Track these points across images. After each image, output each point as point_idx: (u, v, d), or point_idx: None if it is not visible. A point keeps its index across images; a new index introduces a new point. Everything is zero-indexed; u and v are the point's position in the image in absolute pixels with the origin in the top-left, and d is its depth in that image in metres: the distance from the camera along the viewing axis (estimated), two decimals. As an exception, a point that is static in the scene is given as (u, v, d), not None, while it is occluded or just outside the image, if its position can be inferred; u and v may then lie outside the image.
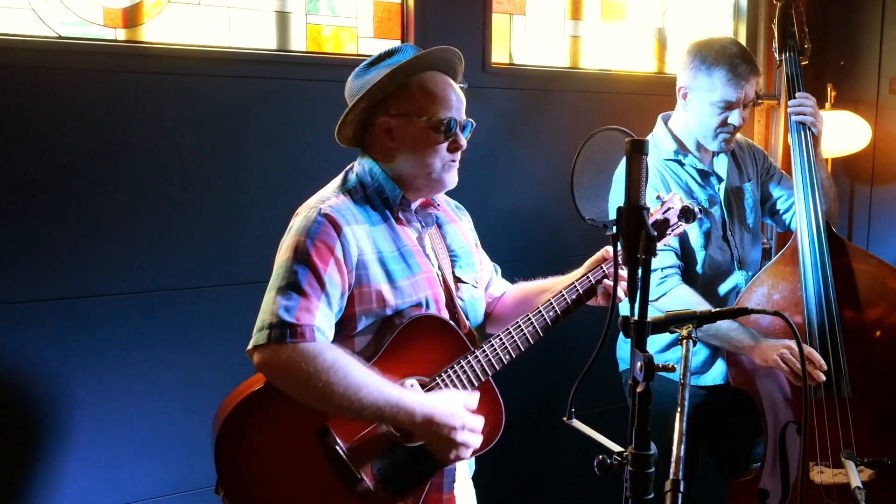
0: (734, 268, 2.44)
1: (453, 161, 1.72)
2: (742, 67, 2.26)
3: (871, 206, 3.44)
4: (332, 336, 1.63)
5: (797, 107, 2.42)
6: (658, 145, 2.43)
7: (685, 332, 1.34)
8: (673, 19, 3.34)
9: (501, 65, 2.92)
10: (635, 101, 3.08)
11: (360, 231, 1.66)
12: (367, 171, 1.75)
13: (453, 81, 1.76)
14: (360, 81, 1.72)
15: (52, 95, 2.17)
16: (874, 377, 2.26)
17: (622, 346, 2.58)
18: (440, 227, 1.86)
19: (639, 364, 1.17)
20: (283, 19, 2.54)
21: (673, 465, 1.19)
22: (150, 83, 2.29)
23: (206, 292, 2.41)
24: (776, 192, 2.58)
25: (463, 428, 1.64)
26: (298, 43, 2.57)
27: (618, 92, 3.12)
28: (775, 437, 2.32)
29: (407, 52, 1.71)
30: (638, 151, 1.19)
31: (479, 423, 1.69)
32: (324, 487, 1.63)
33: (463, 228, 1.92)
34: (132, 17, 2.33)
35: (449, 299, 1.78)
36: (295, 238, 1.62)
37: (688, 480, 2.49)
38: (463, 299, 1.82)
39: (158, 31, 2.36)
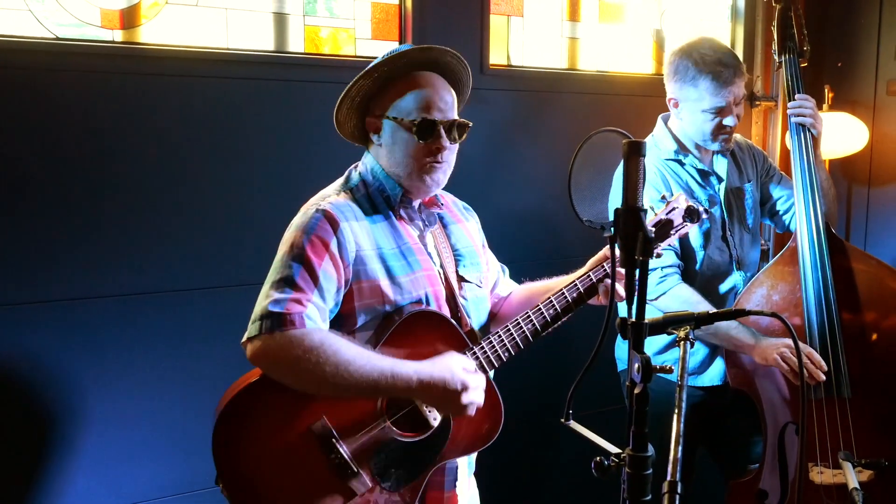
0: (733, 268, 2.44)
1: (436, 162, 1.70)
2: (726, 73, 2.27)
3: (868, 208, 3.45)
4: (327, 328, 1.64)
5: (797, 108, 2.43)
6: (658, 145, 2.44)
7: (683, 333, 1.34)
8: (671, 21, 3.35)
9: (499, 66, 2.92)
10: (633, 102, 3.08)
11: (358, 227, 1.68)
12: (368, 169, 1.78)
13: (446, 81, 1.75)
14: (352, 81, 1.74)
15: (49, 97, 2.17)
16: (874, 378, 2.26)
17: (620, 347, 2.58)
18: (445, 227, 1.87)
19: (636, 365, 1.17)
20: (280, 20, 2.54)
21: (670, 466, 1.19)
22: (148, 84, 2.29)
23: (203, 294, 2.41)
24: (776, 193, 2.58)
25: (464, 388, 1.64)
26: (296, 44, 2.57)
27: (616, 93, 3.12)
28: (774, 437, 2.32)
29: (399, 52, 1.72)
30: (635, 153, 1.19)
31: (479, 380, 1.69)
32: (320, 481, 1.64)
33: (469, 229, 1.93)
34: (129, 18, 2.33)
35: (450, 297, 1.79)
36: (292, 234, 1.65)
37: (686, 481, 2.49)
38: (466, 298, 1.82)
39: (156, 33, 2.36)
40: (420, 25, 2.66)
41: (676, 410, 1.25)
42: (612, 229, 1.22)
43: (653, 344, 2.43)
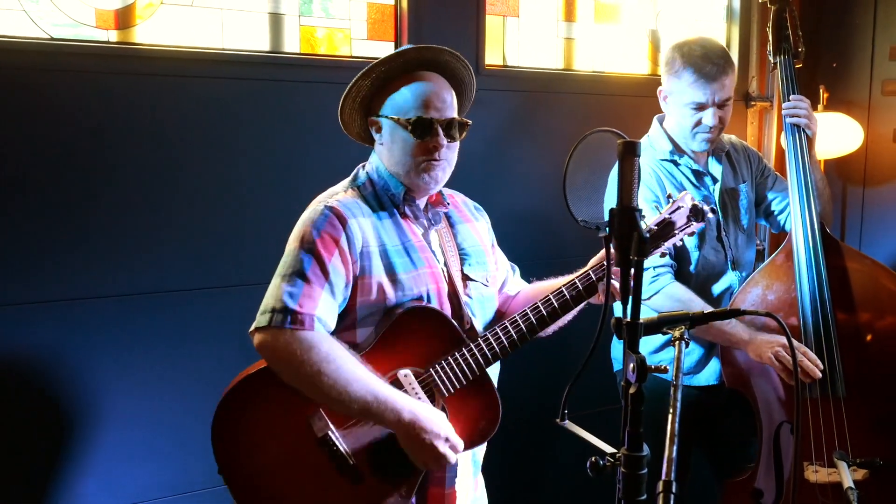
0: (728, 268, 2.45)
1: (433, 161, 1.72)
2: (707, 68, 2.28)
3: (863, 208, 3.46)
4: (335, 325, 1.68)
5: (791, 109, 2.44)
6: (654, 145, 2.44)
7: (677, 333, 1.34)
8: (666, 21, 3.35)
9: (495, 67, 2.92)
10: (629, 102, 3.09)
11: (365, 224, 1.72)
12: (374, 168, 1.82)
13: (445, 80, 1.77)
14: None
15: (45, 97, 2.16)
16: (868, 377, 2.27)
17: (616, 347, 2.59)
18: (452, 226, 1.89)
19: (631, 365, 1.17)
20: (276, 21, 2.54)
21: (665, 465, 1.19)
22: (143, 85, 2.28)
23: (200, 294, 2.41)
24: (771, 193, 2.59)
25: (446, 440, 1.68)
26: (292, 45, 2.57)
27: (611, 94, 3.13)
28: (769, 436, 2.33)
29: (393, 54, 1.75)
30: (630, 153, 1.19)
31: (460, 445, 1.72)
32: (317, 472, 1.68)
33: (478, 229, 1.95)
34: (124, 18, 2.32)
35: (453, 295, 1.80)
36: (301, 229, 1.69)
37: (681, 481, 2.50)
38: (471, 296, 1.84)
39: (151, 33, 2.35)
40: (416, 26, 2.66)
41: (671, 410, 1.26)
42: (608, 229, 1.23)
43: (647, 344, 2.43)
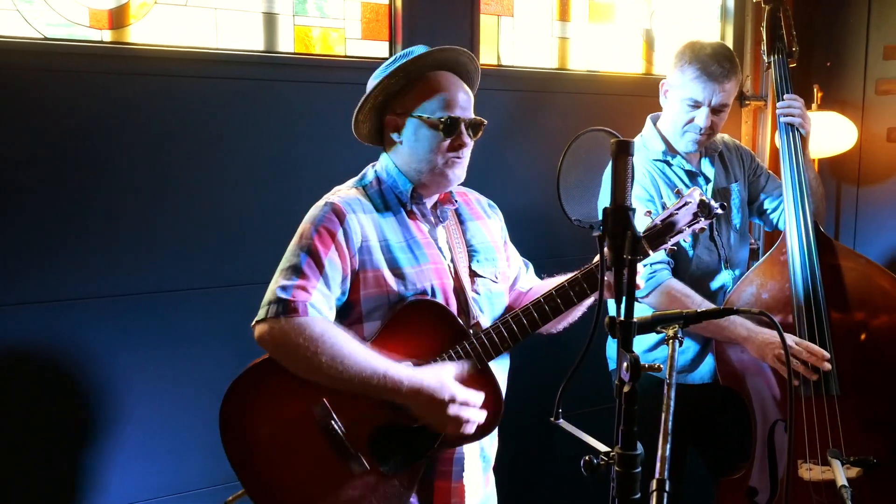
0: (721, 267, 2.45)
1: (457, 158, 1.78)
2: (713, 68, 2.29)
3: (857, 206, 3.47)
4: (333, 316, 1.71)
5: (785, 108, 2.44)
6: (647, 145, 2.45)
7: (671, 332, 1.35)
8: (660, 21, 3.36)
9: (489, 66, 2.93)
10: (623, 102, 3.09)
11: (366, 219, 1.75)
12: (383, 167, 1.85)
13: (461, 80, 1.83)
14: (374, 82, 1.81)
15: (38, 97, 2.16)
16: (862, 375, 2.28)
17: (612, 346, 2.59)
18: (462, 223, 1.92)
19: (625, 364, 1.17)
20: (270, 20, 2.53)
21: (658, 464, 1.19)
22: (137, 84, 2.28)
23: (195, 294, 2.40)
24: (764, 192, 2.60)
25: (453, 400, 1.67)
26: (286, 44, 2.57)
27: (606, 93, 3.13)
28: (764, 435, 2.33)
29: (418, 53, 1.78)
30: (623, 152, 1.20)
31: (475, 396, 1.72)
32: (319, 461, 1.70)
33: (490, 226, 1.98)
34: (118, 18, 2.32)
35: (459, 290, 1.81)
36: (303, 226, 1.74)
37: (676, 479, 2.50)
38: (478, 292, 1.86)
39: (145, 33, 2.35)
40: (410, 26, 2.66)
41: (665, 409, 1.26)
42: (601, 228, 1.23)
43: (642, 342, 2.43)
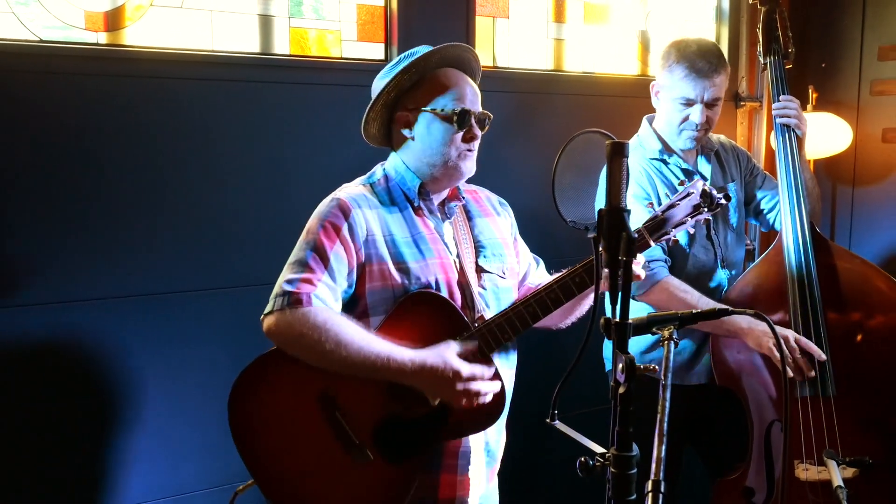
0: (718, 267, 2.46)
1: (469, 150, 1.83)
2: (700, 64, 2.29)
3: (852, 207, 3.48)
4: (339, 307, 1.75)
5: (781, 109, 2.45)
6: (643, 145, 2.45)
7: (667, 333, 1.35)
8: (656, 22, 3.36)
9: (485, 68, 2.89)
10: (619, 103, 3.09)
11: (371, 214, 1.79)
12: (392, 166, 1.89)
13: (467, 76, 1.87)
14: (381, 82, 1.84)
15: (34, 100, 2.15)
16: (858, 375, 2.28)
17: (608, 347, 2.59)
18: (470, 220, 1.94)
19: (620, 365, 1.17)
20: (266, 22, 2.53)
21: (654, 465, 1.19)
22: (133, 87, 2.27)
23: (194, 296, 2.40)
24: (760, 192, 2.60)
25: (458, 375, 1.70)
26: (282, 46, 2.57)
27: (601, 94, 3.13)
28: (760, 435, 2.34)
29: (425, 51, 1.82)
30: (618, 154, 1.20)
31: (480, 370, 1.74)
32: (324, 451, 1.74)
33: (499, 223, 2.00)
34: (114, 20, 2.32)
35: (465, 285, 1.83)
36: (310, 222, 1.79)
37: (673, 479, 2.51)
38: (485, 287, 1.88)
39: (140, 35, 2.35)
40: (406, 28, 2.66)
41: (660, 410, 1.26)
42: (596, 229, 1.23)
43: (638, 343, 2.43)
